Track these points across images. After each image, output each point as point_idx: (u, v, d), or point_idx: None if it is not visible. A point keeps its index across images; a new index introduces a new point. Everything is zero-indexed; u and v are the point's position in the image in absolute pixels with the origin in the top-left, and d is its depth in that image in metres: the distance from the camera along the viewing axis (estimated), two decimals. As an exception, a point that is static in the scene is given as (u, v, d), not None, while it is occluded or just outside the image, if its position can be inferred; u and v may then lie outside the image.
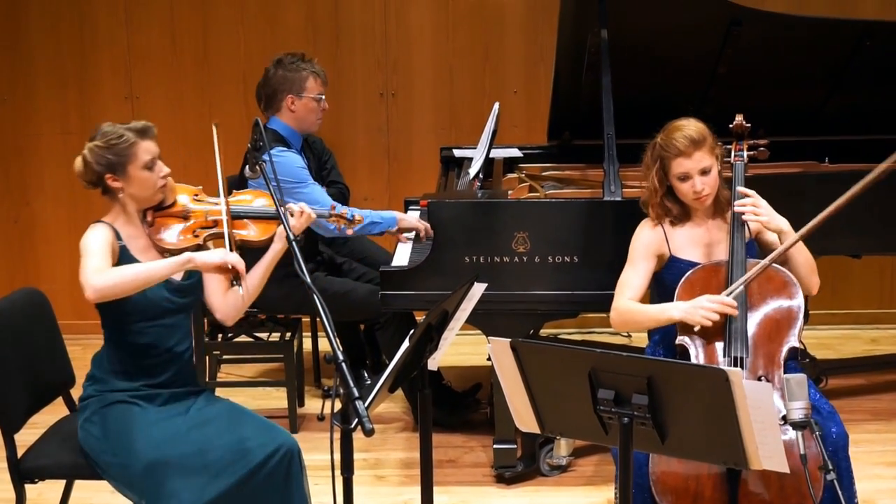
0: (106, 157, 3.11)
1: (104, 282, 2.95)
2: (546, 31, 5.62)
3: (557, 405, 2.67)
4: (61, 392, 3.47)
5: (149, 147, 3.15)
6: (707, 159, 3.33)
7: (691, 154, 3.31)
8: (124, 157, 3.11)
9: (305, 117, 4.59)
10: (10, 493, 3.22)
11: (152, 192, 3.17)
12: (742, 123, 3.52)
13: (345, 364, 2.57)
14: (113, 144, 3.11)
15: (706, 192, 3.34)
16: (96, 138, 3.14)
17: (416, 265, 4.05)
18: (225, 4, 5.88)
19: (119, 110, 5.86)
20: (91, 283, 2.94)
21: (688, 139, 3.32)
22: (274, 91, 4.58)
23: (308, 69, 4.57)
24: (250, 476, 3.03)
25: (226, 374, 5.31)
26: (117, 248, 3.12)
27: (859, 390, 5.11)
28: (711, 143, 3.35)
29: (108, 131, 3.14)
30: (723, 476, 3.02)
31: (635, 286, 3.40)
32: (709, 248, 3.41)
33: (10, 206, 6.05)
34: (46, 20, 5.88)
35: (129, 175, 3.13)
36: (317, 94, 4.58)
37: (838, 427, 3.12)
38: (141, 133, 3.15)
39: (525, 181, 4.71)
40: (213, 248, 3.19)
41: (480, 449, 4.49)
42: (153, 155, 3.16)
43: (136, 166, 3.13)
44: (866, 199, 4.35)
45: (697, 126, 3.37)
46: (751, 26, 4.48)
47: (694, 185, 3.33)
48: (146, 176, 3.14)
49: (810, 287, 3.36)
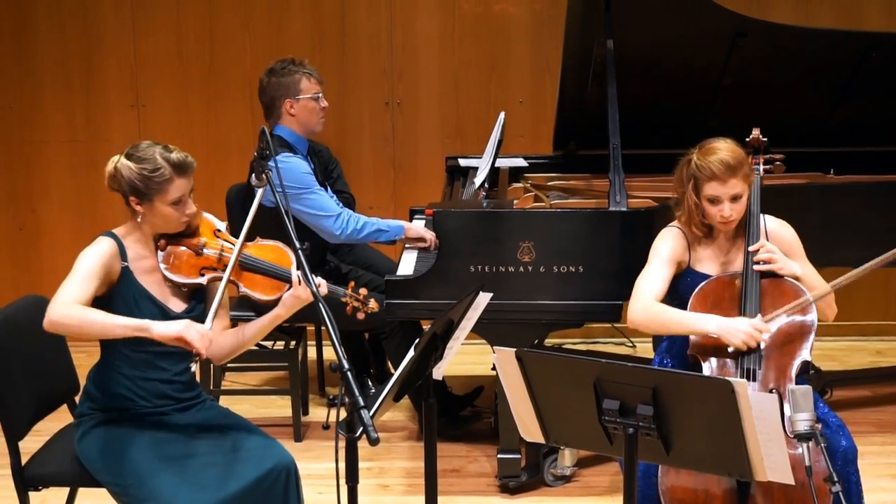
0: (136, 183, 3.03)
1: (62, 319, 2.89)
2: (552, 42, 5.62)
3: (562, 415, 2.67)
4: (66, 399, 3.46)
5: (181, 185, 3.05)
6: (740, 186, 3.27)
7: (726, 180, 3.25)
8: (153, 191, 3.03)
9: (307, 119, 4.60)
10: (14, 501, 3.22)
11: (172, 227, 3.10)
12: (758, 137, 3.49)
13: (350, 373, 2.57)
14: (146, 176, 3.02)
15: (733, 217, 3.30)
16: (133, 157, 3.05)
17: (422, 274, 4.05)
18: (231, 13, 5.90)
19: (125, 118, 5.88)
20: (51, 315, 2.90)
21: (724, 165, 3.24)
22: (271, 99, 4.59)
23: (300, 71, 4.58)
24: (247, 492, 2.99)
25: (230, 382, 5.31)
26: (118, 268, 3.05)
27: (864, 402, 5.11)
28: (746, 171, 3.29)
29: (146, 159, 3.03)
30: (732, 490, 3.01)
31: (658, 290, 3.34)
32: (725, 267, 3.39)
33: (16, 214, 6.06)
34: (53, 28, 5.89)
35: (154, 206, 3.05)
36: (313, 94, 4.59)
37: (847, 441, 3.11)
38: (179, 169, 3.04)
39: (530, 191, 4.71)
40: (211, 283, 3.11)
41: (484, 459, 4.48)
42: (184, 193, 3.06)
43: (163, 201, 3.04)
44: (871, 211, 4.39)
45: (735, 151, 3.29)
46: (756, 37, 4.48)
47: (722, 210, 3.29)
48: (170, 212, 3.06)
49: (827, 318, 3.35)
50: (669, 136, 4.73)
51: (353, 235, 4.46)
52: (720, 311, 3.25)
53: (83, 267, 3.01)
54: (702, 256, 3.41)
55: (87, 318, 2.91)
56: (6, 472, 3.20)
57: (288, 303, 3.08)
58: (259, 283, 3.13)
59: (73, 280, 2.98)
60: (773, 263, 3.27)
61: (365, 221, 4.49)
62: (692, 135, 3.47)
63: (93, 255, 3.04)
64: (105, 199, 5.28)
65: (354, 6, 5.88)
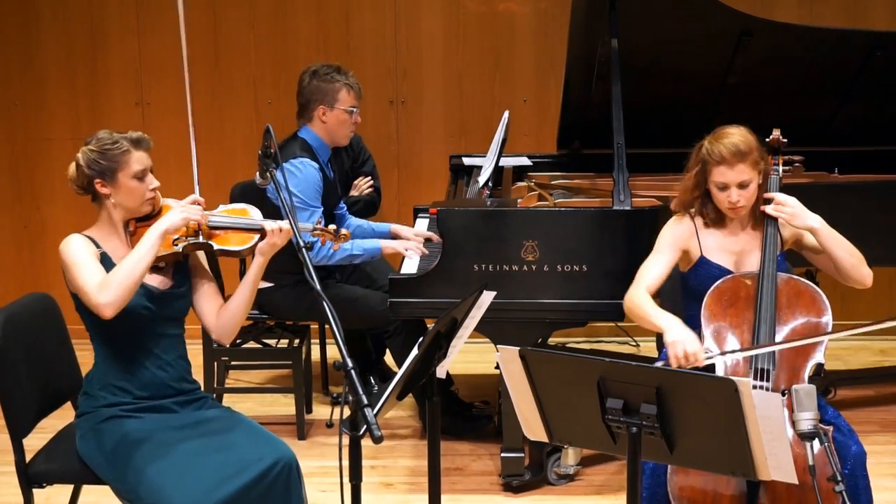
0: (98, 162, 3.13)
1: (113, 296, 2.97)
2: (556, 40, 5.62)
3: (566, 414, 2.67)
4: (70, 397, 3.46)
5: (141, 157, 3.16)
6: (748, 173, 3.28)
7: (734, 165, 3.27)
8: (115, 164, 3.13)
9: (336, 129, 4.59)
10: (18, 498, 3.22)
11: (139, 202, 3.18)
12: (778, 138, 3.48)
13: (354, 371, 2.57)
14: (106, 150, 3.13)
15: (741, 203, 3.31)
16: (90, 143, 3.17)
17: (425, 273, 4.05)
18: (235, 11, 5.90)
19: (129, 116, 5.89)
20: (104, 303, 2.97)
21: (733, 149, 3.27)
22: (307, 101, 4.59)
23: (342, 81, 4.57)
24: (248, 489, 2.99)
25: (234, 380, 5.31)
26: (98, 254, 3.14)
27: (868, 402, 5.11)
28: (756, 157, 3.30)
29: (103, 137, 3.16)
30: (742, 490, 3.01)
31: (654, 276, 3.38)
32: (739, 257, 3.39)
33: (21, 212, 6.07)
34: (58, 27, 5.90)
35: (119, 182, 3.14)
36: (349, 107, 4.58)
37: (857, 445, 3.11)
38: (135, 143, 3.16)
39: (534, 190, 4.71)
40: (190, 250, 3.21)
41: (488, 457, 4.49)
42: (145, 166, 3.16)
43: (126, 174, 3.13)
44: (875, 211, 4.38)
45: (746, 137, 3.31)
46: (761, 37, 4.48)
47: (730, 196, 3.30)
48: (135, 185, 3.15)
49: (861, 279, 3.34)
50: (674, 135, 4.73)
51: (323, 261, 4.43)
52: (735, 310, 3.25)
53: (79, 258, 3.08)
54: (712, 246, 3.40)
55: (127, 272, 3.00)
56: (10, 468, 3.22)
57: (264, 250, 3.20)
58: (230, 238, 3.25)
59: (83, 270, 3.04)
60: (783, 212, 3.28)
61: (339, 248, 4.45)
62: (696, 134, 3.47)
63: (76, 246, 3.12)
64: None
65: (359, 5, 5.89)
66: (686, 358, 3.10)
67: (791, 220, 3.30)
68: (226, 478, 2.98)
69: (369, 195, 5.19)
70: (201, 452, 3.05)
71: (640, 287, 3.37)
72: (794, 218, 3.29)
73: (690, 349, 3.11)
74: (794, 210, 3.30)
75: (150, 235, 3.06)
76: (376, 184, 5.23)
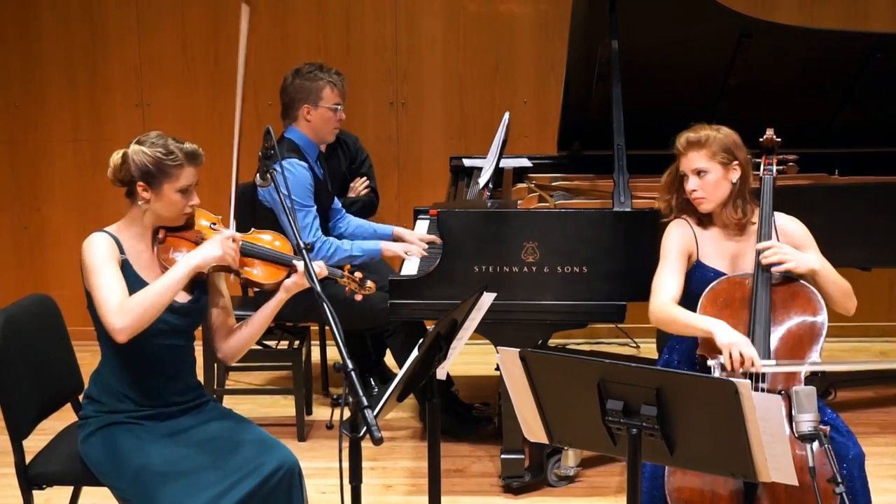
0: (148, 167, 3.04)
1: (131, 322, 2.92)
2: (556, 42, 5.63)
3: (566, 415, 2.67)
4: (70, 398, 3.46)
5: (190, 174, 3.08)
6: (701, 161, 3.35)
7: (686, 153, 3.39)
8: (165, 175, 3.05)
9: (321, 127, 4.59)
10: (18, 500, 3.22)
11: (176, 214, 3.11)
12: (772, 137, 3.49)
13: (354, 372, 2.57)
14: (160, 158, 3.04)
15: (697, 193, 3.36)
16: (145, 143, 3.07)
17: (425, 274, 4.05)
18: (236, 13, 5.88)
19: (130, 118, 5.89)
20: (120, 328, 2.91)
21: (686, 139, 3.40)
22: (291, 100, 4.58)
23: (325, 79, 4.56)
24: (251, 495, 2.98)
25: (234, 381, 5.31)
26: (120, 260, 3.06)
27: (868, 403, 5.10)
28: (714, 149, 3.35)
29: (159, 143, 3.06)
30: (739, 490, 3.01)
31: (674, 286, 3.35)
32: (735, 260, 3.39)
33: (21, 213, 6.07)
34: (58, 28, 5.90)
35: (163, 192, 3.06)
36: (333, 105, 4.57)
37: (856, 447, 3.11)
38: (190, 157, 3.08)
39: (535, 191, 4.71)
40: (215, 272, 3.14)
41: (488, 459, 4.48)
42: (192, 182, 3.10)
43: (172, 187, 3.06)
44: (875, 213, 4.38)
45: (707, 131, 3.40)
46: (761, 38, 4.48)
47: (688, 184, 3.38)
48: (177, 199, 3.08)
49: (846, 311, 3.35)
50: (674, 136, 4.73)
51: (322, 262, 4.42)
52: (731, 311, 3.25)
53: (100, 264, 3.01)
54: (709, 251, 3.41)
55: (150, 301, 2.94)
56: (10, 470, 3.21)
57: (290, 288, 3.15)
58: (259, 268, 3.18)
59: (103, 282, 2.98)
60: (785, 263, 3.24)
61: (336, 248, 4.43)
62: (697, 136, 3.47)
63: (100, 249, 3.03)
64: (110, 197, 5.29)
65: (359, 6, 5.89)
66: (742, 361, 3.07)
67: (796, 269, 3.25)
68: (228, 484, 2.97)
69: (366, 195, 5.19)
70: (204, 458, 3.04)
71: (665, 297, 3.32)
72: (798, 266, 3.25)
73: (747, 352, 3.07)
74: (795, 262, 3.25)
75: (181, 267, 2.99)
76: (372, 184, 5.22)
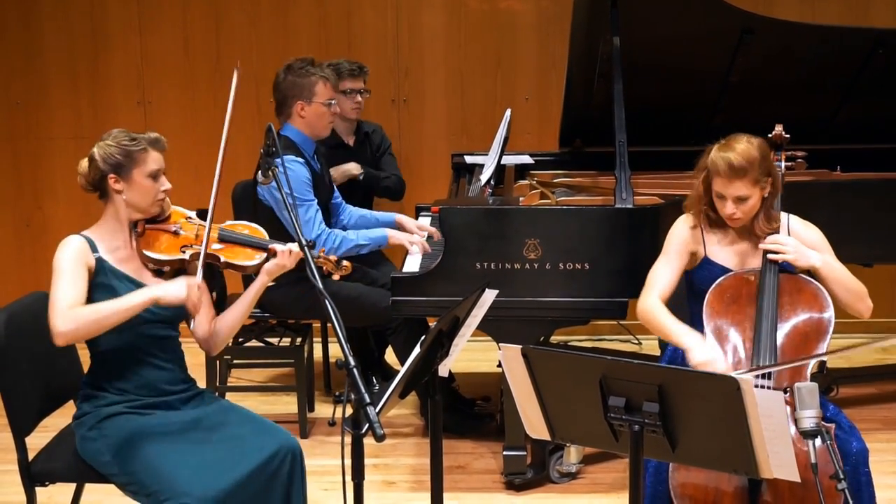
0: (114, 157, 3.12)
1: (72, 329, 2.95)
2: (558, 39, 5.62)
3: (568, 412, 2.67)
4: (72, 395, 3.46)
5: (157, 158, 3.17)
6: (745, 189, 3.24)
7: (731, 181, 3.23)
8: (132, 161, 3.12)
9: (316, 123, 4.57)
10: (20, 496, 3.23)
11: (150, 201, 3.17)
12: (781, 134, 3.46)
13: (356, 369, 2.57)
14: (124, 146, 3.13)
15: (737, 216, 3.28)
16: (107, 139, 3.16)
17: (427, 271, 4.05)
18: (237, 10, 5.90)
19: (131, 115, 5.89)
20: (58, 328, 2.95)
21: (730, 167, 3.21)
22: (284, 97, 4.56)
23: (317, 74, 4.53)
24: (254, 476, 3.03)
25: (236, 378, 5.31)
26: (93, 262, 3.10)
27: (870, 399, 5.10)
28: (756, 175, 3.24)
29: (120, 135, 3.16)
30: (743, 487, 3.01)
31: (666, 283, 3.36)
32: (742, 258, 3.37)
33: (23, 210, 6.08)
34: (60, 25, 5.90)
35: (133, 179, 3.13)
36: (326, 100, 4.55)
37: (859, 442, 3.10)
38: (153, 143, 3.18)
39: (536, 188, 4.71)
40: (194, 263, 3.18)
41: (490, 455, 4.49)
42: (160, 166, 3.18)
43: (141, 172, 3.13)
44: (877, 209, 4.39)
45: (747, 153, 3.23)
46: (763, 35, 4.48)
47: (725, 207, 3.28)
48: (148, 185, 3.15)
49: (858, 314, 3.32)
50: (675, 133, 4.74)
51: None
52: (737, 307, 3.24)
53: (64, 267, 3.05)
54: (717, 248, 3.39)
55: (97, 316, 2.98)
56: (13, 467, 3.22)
57: (271, 269, 3.24)
58: (239, 252, 3.28)
59: (60, 285, 3.02)
60: (784, 254, 3.23)
61: (342, 239, 4.41)
62: (698, 132, 3.47)
63: (67, 253, 3.09)
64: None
65: (360, 3, 5.89)
66: None
67: (794, 262, 3.26)
68: (230, 465, 3.02)
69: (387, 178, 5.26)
70: (204, 441, 3.09)
71: (654, 294, 3.34)
72: (797, 260, 3.25)
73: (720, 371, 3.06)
74: (794, 255, 3.25)
75: (141, 296, 3.03)
76: (395, 171, 5.31)
